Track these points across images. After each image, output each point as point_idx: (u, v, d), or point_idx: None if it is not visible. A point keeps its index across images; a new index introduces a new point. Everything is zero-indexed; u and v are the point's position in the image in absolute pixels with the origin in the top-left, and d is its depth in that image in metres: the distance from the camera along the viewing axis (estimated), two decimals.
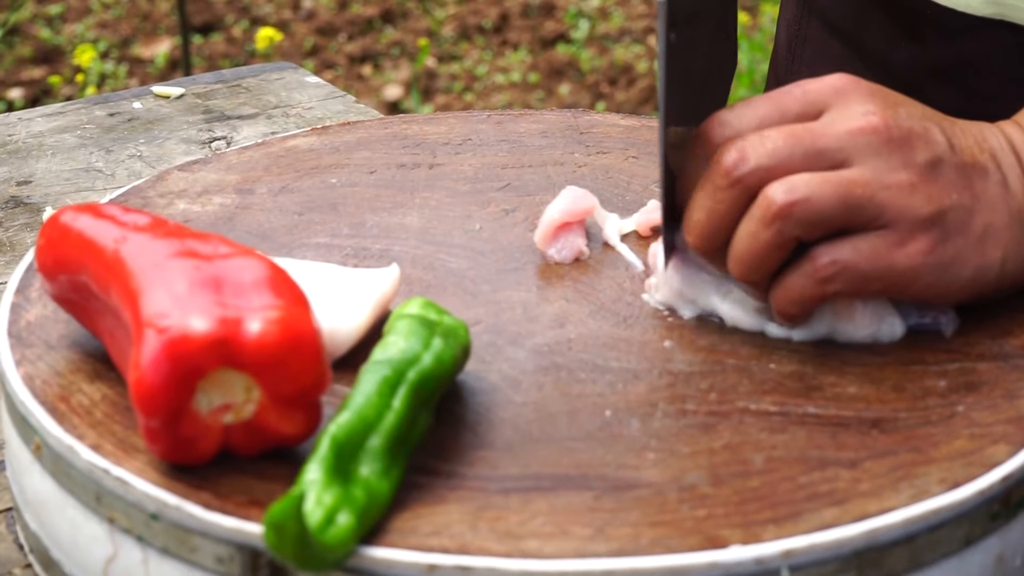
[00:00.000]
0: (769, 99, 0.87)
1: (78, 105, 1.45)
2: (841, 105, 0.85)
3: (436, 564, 0.70)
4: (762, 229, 0.83)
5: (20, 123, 1.42)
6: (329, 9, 4.53)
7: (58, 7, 4.50)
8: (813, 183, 0.82)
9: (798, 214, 0.82)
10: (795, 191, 0.82)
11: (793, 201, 0.82)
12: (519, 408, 0.82)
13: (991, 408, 0.81)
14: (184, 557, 0.74)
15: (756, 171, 0.83)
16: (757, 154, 0.83)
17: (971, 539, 0.75)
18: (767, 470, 0.76)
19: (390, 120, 1.17)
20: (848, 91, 0.86)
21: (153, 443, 0.75)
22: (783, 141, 0.84)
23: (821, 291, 0.84)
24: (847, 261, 0.83)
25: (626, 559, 0.70)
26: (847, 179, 0.83)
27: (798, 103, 0.86)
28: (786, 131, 0.84)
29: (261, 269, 0.78)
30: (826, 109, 0.86)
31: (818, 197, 0.82)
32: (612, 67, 4.13)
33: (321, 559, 0.69)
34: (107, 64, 4.13)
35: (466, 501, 0.74)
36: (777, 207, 0.82)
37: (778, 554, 0.70)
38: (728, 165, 0.84)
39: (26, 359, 0.86)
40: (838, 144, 0.84)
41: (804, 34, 1.26)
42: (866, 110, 0.84)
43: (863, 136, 0.84)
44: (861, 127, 0.84)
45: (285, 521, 0.67)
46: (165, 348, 0.73)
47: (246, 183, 1.07)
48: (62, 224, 0.84)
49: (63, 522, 0.80)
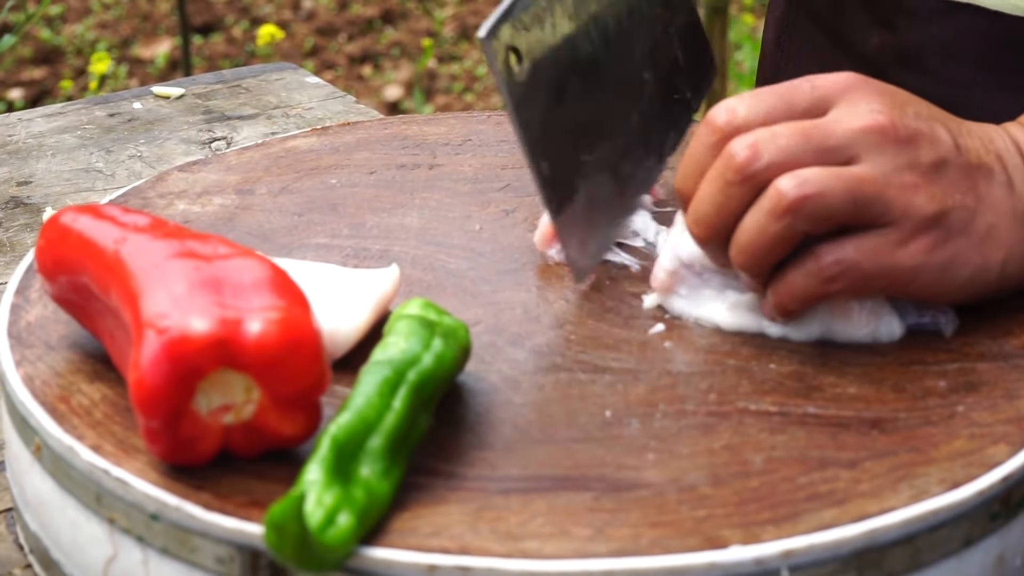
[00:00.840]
0: (776, 92, 0.87)
1: (78, 105, 1.46)
2: (848, 102, 0.85)
3: (436, 564, 0.70)
4: (772, 222, 0.83)
5: (20, 123, 1.42)
6: (329, 9, 4.53)
7: (58, 7, 4.50)
8: (824, 177, 0.82)
9: (809, 208, 0.82)
10: (807, 185, 0.82)
11: (805, 195, 0.82)
12: (519, 409, 0.82)
13: (991, 408, 0.81)
14: (184, 558, 0.74)
15: (769, 168, 0.83)
16: (770, 150, 0.83)
17: (971, 539, 0.75)
18: (767, 470, 0.76)
19: (390, 121, 1.17)
20: (855, 89, 0.86)
21: (153, 443, 0.75)
22: (794, 138, 0.84)
23: (824, 290, 0.84)
24: (851, 260, 0.83)
25: (626, 559, 0.70)
26: (857, 175, 0.83)
27: (806, 98, 0.86)
28: (797, 127, 0.84)
29: (261, 270, 0.78)
30: (833, 106, 0.86)
31: (830, 192, 0.82)
32: None
33: (321, 560, 0.69)
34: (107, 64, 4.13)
35: (466, 502, 0.74)
36: (788, 201, 0.82)
37: (778, 554, 0.70)
38: (741, 160, 0.83)
39: (26, 360, 0.86)
40: (847, 141, 0.84)
41: (792, 28, 1.27)
42: (873, 108, 0.84)
43: (871, 134, 0.84)
44: (869, 125, 0.84)
45: (285, 522, 0.67)
46: (165, 348, 0.73)
47: (246, 184, 1.07)
48: (62, 225, 0.84)
49: (63, 523, 0.80)
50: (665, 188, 1.03)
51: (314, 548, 0.69)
